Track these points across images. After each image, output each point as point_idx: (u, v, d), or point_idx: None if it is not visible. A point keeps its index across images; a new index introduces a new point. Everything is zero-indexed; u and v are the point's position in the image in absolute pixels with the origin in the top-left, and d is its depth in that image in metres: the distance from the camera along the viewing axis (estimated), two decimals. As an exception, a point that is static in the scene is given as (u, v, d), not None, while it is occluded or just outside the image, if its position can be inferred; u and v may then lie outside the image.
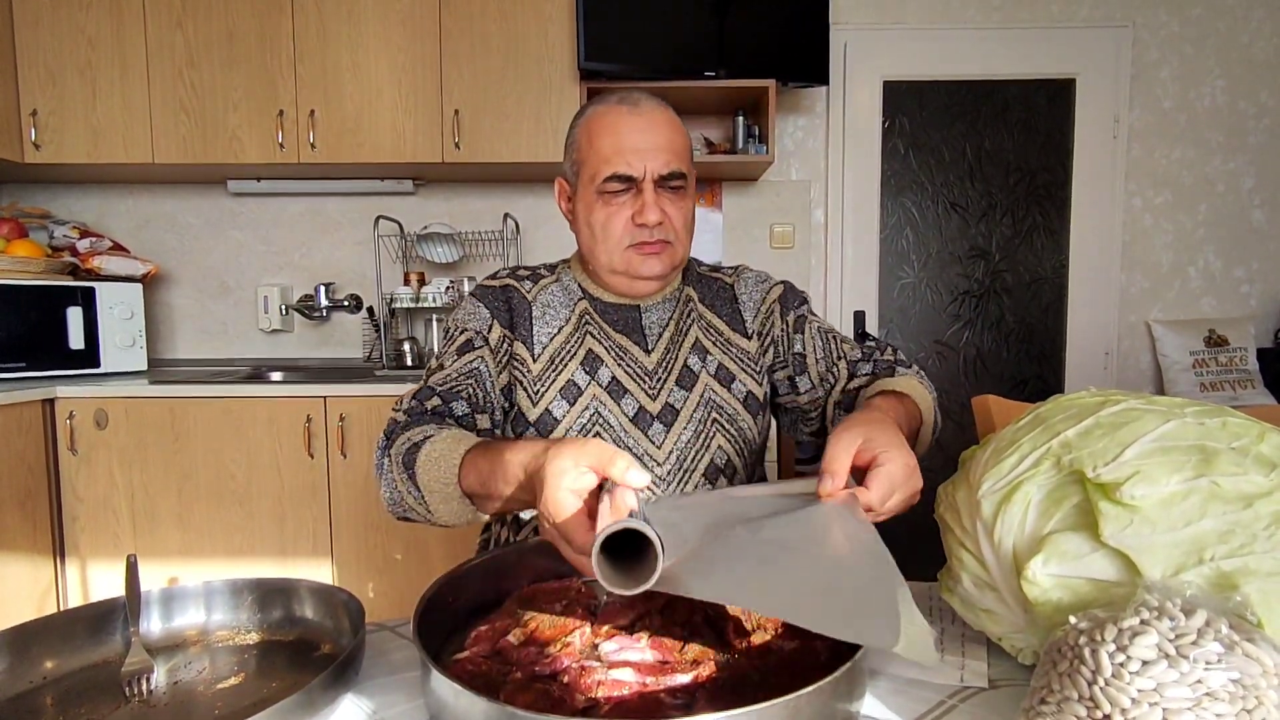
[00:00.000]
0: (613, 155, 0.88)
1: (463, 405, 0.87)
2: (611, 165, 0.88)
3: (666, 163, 0.89)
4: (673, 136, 0.90)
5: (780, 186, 2.61)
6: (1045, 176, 2.61)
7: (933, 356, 2.67)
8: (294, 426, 1.97)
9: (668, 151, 0.89)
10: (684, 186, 0.92)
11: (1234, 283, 2.63)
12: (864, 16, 2.54)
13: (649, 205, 0.88)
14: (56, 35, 2.17)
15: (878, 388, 0.85)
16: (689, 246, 0.96)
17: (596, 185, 0.90)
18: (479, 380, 0.90)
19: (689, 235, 0.95)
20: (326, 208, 2.57)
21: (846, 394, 0.93)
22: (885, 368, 0.92)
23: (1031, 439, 0.54)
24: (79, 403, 1.94)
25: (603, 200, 0.90)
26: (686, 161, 0.92)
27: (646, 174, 0.88)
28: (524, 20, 2.21)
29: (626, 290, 0.95)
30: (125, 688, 0.58)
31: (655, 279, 0.93)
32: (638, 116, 0.89)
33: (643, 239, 0.90)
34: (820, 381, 0.96)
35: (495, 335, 0.93)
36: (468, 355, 0.91)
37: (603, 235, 0.91)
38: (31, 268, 2.06)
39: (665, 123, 0.90)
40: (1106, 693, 0.39)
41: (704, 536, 0.56)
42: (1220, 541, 0.44)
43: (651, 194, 0.88)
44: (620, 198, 0.90)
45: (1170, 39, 2.55)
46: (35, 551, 1.90)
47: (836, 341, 0.97)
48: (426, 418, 0.83)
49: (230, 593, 0.68)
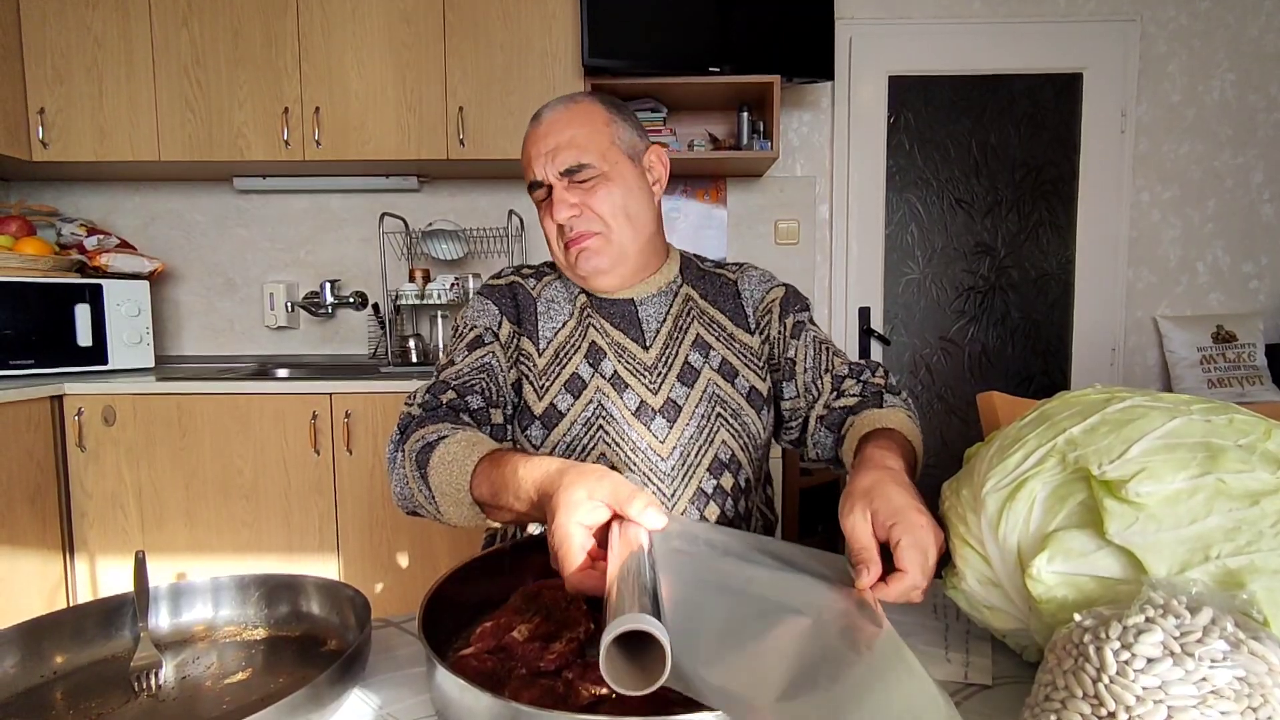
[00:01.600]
0: (526, 167, 0.94)
1: (478, 399, 0.87)
2: (527, 176, 0.94)
3: (563, 160, 0.90)
4: (573, 133, 0.90)
5: (785, 182, 2.60)
6: (1051, 171, 2.60)
7: (937, 353, 2.66)
8: (300, 423, 1.98)
9: (566, 149, 0.90)
10: (594, 176, 0.90)
11: (1242, 278, 2.62)
12: (869, 11, 2.53)
13: (555, 203, 0.90)
14: (64, 34, 2.18)
15: (867, 424, 0.83)
16: (636, 227, 0.93)
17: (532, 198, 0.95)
18: (491, 375, 0.90)
19: (627, 220, 0.92)
20: (331, 205, 2.58)
21: (831, 410, 0.92)
22: (874, 391, 0.90)
23: (1037, 436, 0.54)
24: (87, 399, 1.96)
25: (541, 211, 0.95)
26: (592, 151, 0.90)
27: (547, 176, 0.91)
28: (528, 17, 2.21)
29: (594, 289, 0.97)
30: (134, 682, 0.58)
31: (600, 273, 0.93)
32: (538, 125, 0.92)
33: (567, 238, 0.92)
34: (804, 391, 0.95)
35: (505, 331, 0.94)
36: (479, 351, 0.91)
37: (549, 242, 0.96)
38: (39, 265, 2.07)
39: (564, 122, 0.91)
40: (1111, 690, 0.39)
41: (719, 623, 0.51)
42: (1226, 539, 0.44)
43: (561, 192, 0.90)
44: (546, 204, 0.93)
45: (1178, 32, 2.53)
46: (44, 547, 1.91)
47: (828, 354, 0.96)
48: (442, 412, 0.83)
49: (237, 588, 0.68)
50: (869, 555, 0.59)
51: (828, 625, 0.52)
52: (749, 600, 0.54)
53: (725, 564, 0.60)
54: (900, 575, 0.57)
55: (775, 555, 0.63)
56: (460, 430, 0.77)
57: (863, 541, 0.60)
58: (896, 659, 0.47)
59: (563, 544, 0.55)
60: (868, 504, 0.61)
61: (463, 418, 0.85)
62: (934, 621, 0.68)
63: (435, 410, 0.84)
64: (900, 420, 0.83)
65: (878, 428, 0.81)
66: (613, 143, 0.93)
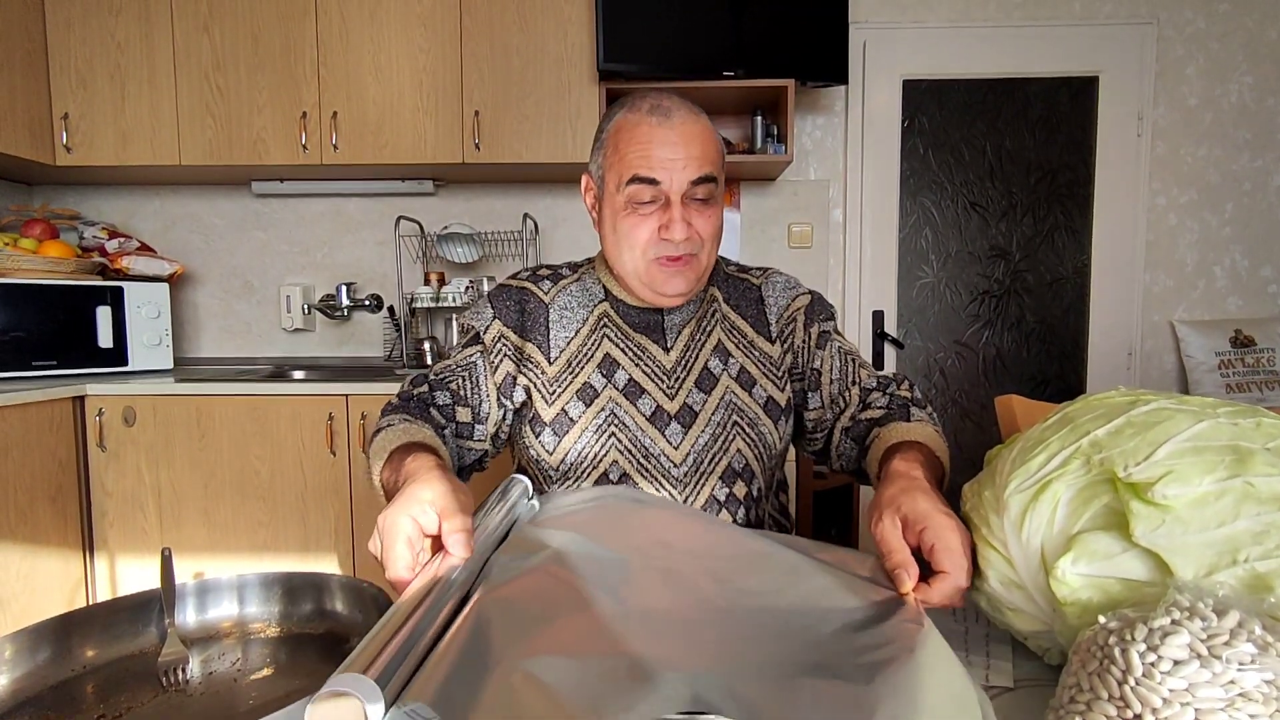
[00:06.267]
0: (639, 164, 0.86)
1: (445, 396, 0.92)
2: (630, 171, 0.87)
3: (695, 170, 0.86)
4: (705, 147, 0.87)
5: (798, 186, 2.60)
6: (1067, 175, 2.58)
7: (952, 356, 2.65)
8: (316, 424, 1.99)
9: (701, 161, 0.86)
10: (713, 196, 0.89)
11: (1261, 282, 2.59)
12: (884, 15, 2.53)
13: (675, 221, 0.86)
14: (87, 41, 2.21)
15: (895, 437, 0.82)
16: (715, 255, 0.94)
17: (623, 192, 0.88)
18: (471, 374, 0.93)
19: (716, 244, 0.93)
20: (348, 208, 2.60)
21: (857, 422, 0.92)
22: (900, 404, 0.89)
23: (1060, 438, 0.54)
24: (108, 400, 1.98)
25: (629, 209, 0.88)
26: (717, 166, 0.90)
27: (674, 185, 0.86)
28: (543, 22, 2.22)
29: (650, 300, 0.94)
30: (162, 677, 0.59)
31: (682, 295, 0.91)
32: (668, 129, 0.86)
33: (667, 252, 0.88)
34: (830, 403, 0.95)
35: (491, 334, 0.94)
36: (468, 350, 0.95)
37: (628, 244, 0.89)
38: (62, 268, 2.10)
39: (697, 135, 0.87)
40: (1137, 692, 0.39)
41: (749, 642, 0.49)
42: (1255, 542, 0.44)
43: (679, 208, 0.86)
44: (647, 208, 0.88)
45: (1196, 35, 2.52)
46: (66, 545, 1.94)
47: (854, 365, 0.95)
48: (413, 405, 0.90)
49: (262, 586, 0.69)
50: (905, 558, 0.59)
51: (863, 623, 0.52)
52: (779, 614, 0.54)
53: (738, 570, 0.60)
54: (943, 577, 0.57)
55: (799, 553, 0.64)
56: (408, 423, 0.83)
57: (895, 546, 0.60)
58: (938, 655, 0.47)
59: (388, 532, 0.58)
60: (895, 511, 0.62)
61: (430, 411, 0.90)
62: (954, 624, 0.68)
63: (408, 402, 0.90)
64: (928, 434, 0.83)
65: (904, 440, 0.81)
66: (723, 164, 0.92)
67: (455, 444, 0.92)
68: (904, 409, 0.88)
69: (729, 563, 0.61)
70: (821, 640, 0.49)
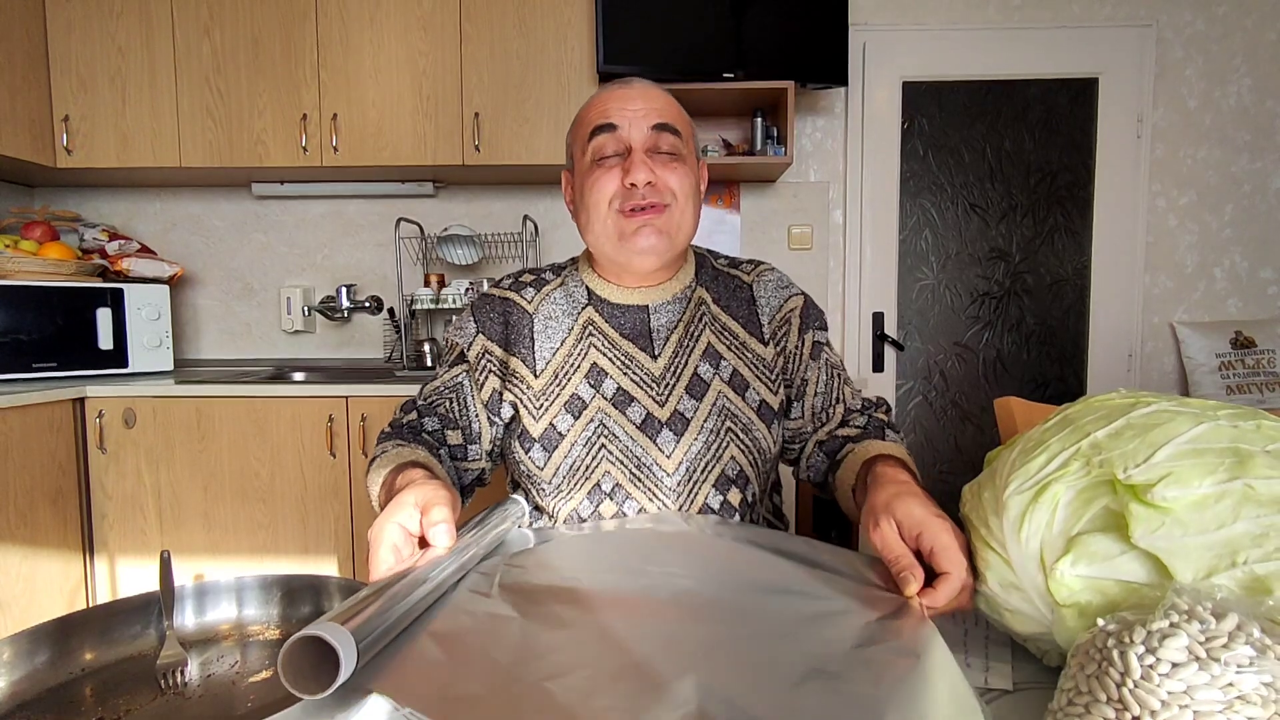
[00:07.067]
0: (598, 118, 0.87)
1: (434, 421, 0.93)
2: (593, 122, 0.87)
3: (659, 116, 0.87)
4: (665, 104, 0.89)
5: (798, 188, 2.60)
6: (1067, 177, 2.58)
7: (952, 358, 2.65)
8: (316, 426, 1.99)
9: (659, 112, 0.87)
10: (679, 152, 0.88)
11: (1261, 284, 2.59)
12: (883, 17, 2.53)
13: (636, 164, 0.84)
14: (88, 43, 2.22)
15: (873, 451, 0.84)
16: (692, 222, 0.90)
17: (588, 154, 0.87)
18: (459, 395, 0.93)
19: (692, 208, 0.89)
20: (348, 210, 2.61)
21: (833, 437, 0.93)
22: (877, 425, 0.92)
23: (1060, 439, 0.54)
24: (108, 402, 1.98)
25: (593, 168, 0.87)
26: (680, 122, 0.90)
27: (633, 132, 0.86)
28: (543, 24, 2.23)
29: (626, 265, 0.89)
30: (160, 680, 0.59)
31: (654, 252, 0.87)
32: (626, 86, 0.89)
33: (633, 200, 0.85)
34: (812, 416, 0.95)
35: (475, 350, 0.93)
36: (454, 370, 0.95)
37: (595, 204, 0.87)
38: (63, 270, 2.10)
39: (657, 94, 0.89)
40: (1135, 695, 0.39)
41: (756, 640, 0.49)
42: (1254, 545, 0.44)
43: (641, 155, 0.85)
44: (610, 161, 0.87)
45: (1195, 37, 2.52)
46: (66, 547, 1.94)
47: (840, 381, 0.96)
48: (404, 431, 0.91)
49: (261, 588, 0.69)
50: (909, 561, 0.60)
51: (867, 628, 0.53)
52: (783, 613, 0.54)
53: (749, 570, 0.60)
54: (946, 578, 0.58)
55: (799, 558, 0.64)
56: (400, 447, 0.85)
57: (897, 550, 0.61)
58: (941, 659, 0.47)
59: (374, 539, 0.60)
60: (890, 516, 0.63)
61: (422, 436, 0.91)
62: (952, 627, 0.68)
63: (399, 429, 0.92)
64: (903, 452, 0.85)
65: (882, 454, 0.82)
66: (692, 134, 0.93)
67: (451, 465, 0.92)
68: (879, 430, 0.91)
69: (730, 570, 0.61)
70: (826, 645, 0.49)
